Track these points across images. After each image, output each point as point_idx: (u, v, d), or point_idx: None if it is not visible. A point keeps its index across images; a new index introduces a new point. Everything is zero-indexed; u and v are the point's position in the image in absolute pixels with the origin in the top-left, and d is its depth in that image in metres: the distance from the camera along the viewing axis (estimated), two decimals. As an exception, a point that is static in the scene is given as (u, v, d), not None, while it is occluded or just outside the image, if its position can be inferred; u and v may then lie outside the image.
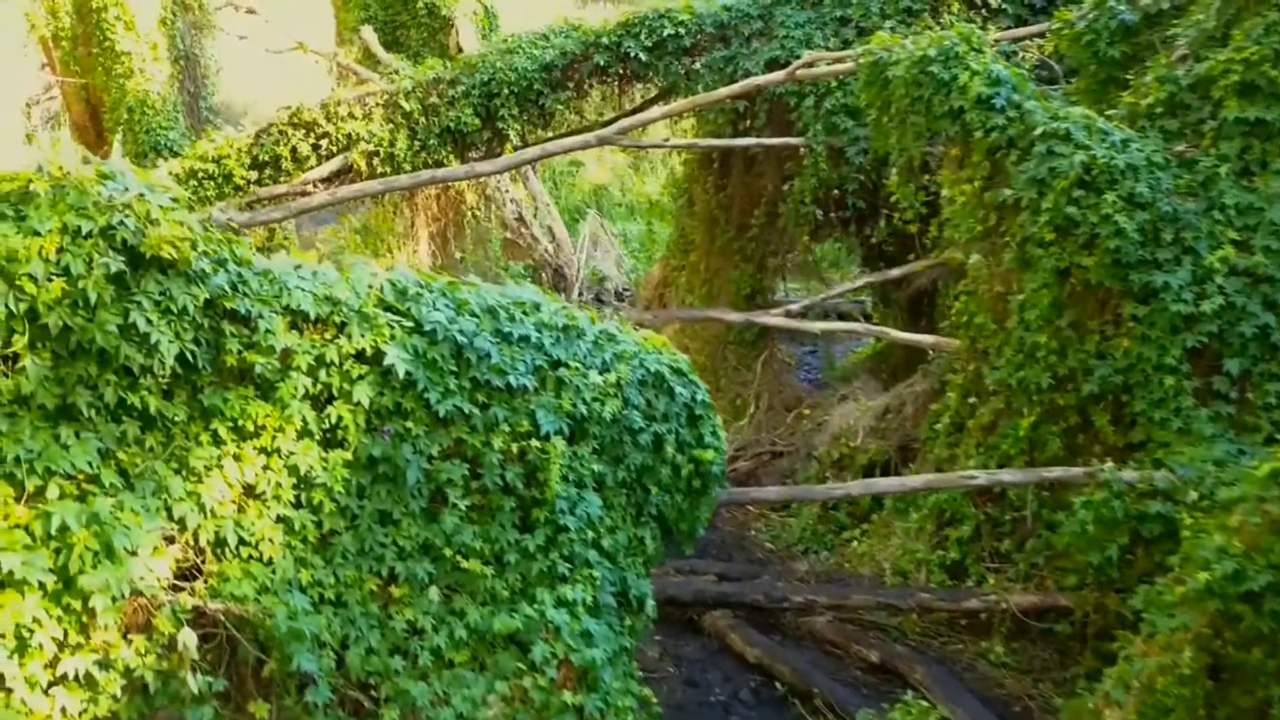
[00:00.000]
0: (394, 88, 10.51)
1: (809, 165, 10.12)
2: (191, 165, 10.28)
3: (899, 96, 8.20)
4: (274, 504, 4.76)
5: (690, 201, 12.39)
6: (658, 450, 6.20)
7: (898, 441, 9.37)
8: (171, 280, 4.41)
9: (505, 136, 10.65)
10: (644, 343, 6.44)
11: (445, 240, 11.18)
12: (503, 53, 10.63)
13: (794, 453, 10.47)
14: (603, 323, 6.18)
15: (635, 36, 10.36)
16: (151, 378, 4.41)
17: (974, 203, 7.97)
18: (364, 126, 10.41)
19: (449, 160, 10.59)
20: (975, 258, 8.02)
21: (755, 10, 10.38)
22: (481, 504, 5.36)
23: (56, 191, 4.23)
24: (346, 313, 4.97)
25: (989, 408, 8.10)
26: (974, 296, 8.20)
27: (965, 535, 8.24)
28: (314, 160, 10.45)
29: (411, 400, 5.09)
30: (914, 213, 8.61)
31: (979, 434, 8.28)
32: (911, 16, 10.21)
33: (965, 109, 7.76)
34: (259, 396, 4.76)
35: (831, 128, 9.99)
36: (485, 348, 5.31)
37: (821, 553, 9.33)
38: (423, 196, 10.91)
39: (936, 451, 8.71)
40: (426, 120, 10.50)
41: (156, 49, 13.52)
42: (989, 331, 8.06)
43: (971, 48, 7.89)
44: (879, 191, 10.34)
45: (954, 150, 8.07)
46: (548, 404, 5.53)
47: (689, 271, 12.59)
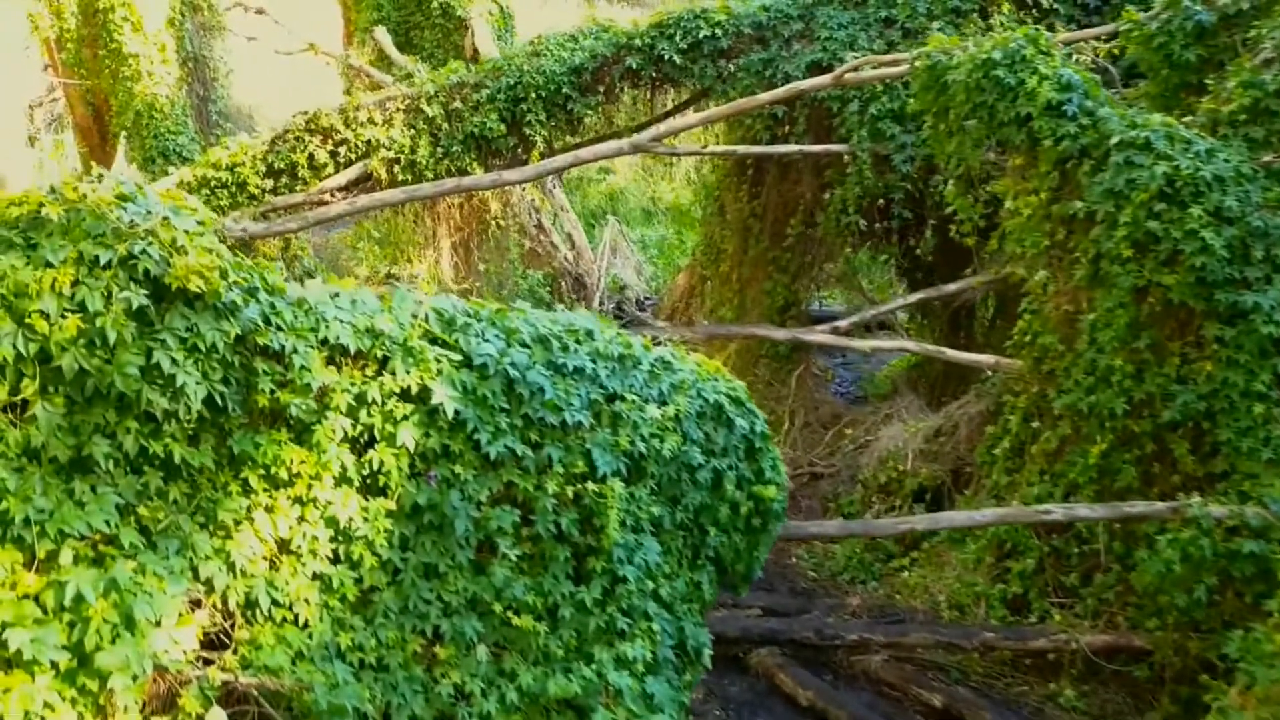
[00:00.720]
0: (415, 92, 10.04)
1: (853, 173, 9.64)
2: (204, 173, 9.80)
3: (958, 102, 7.72)
4: (310, 560, 4.29)
5: (721, 209, 11.90)
6: (717, 488, 5.73)
7: (950, 465, 8.89)
8: (199, 315, 3.94)
9: (532, 143, 10.18)
10: (700, 369, 5.97)
11: (468, 250, 10.71)
12: (529, 55, 10.15)
13: (835, 474, 9.98)
14: (657, 348, 5.69)
15: (669, 38, 9.88)
16: (176, 423, 3.94)
17: (1040, 215, 7.49)
18: (384, 132, 9.94)
19: (473, 168, 10.11)
20: (1041, 274, 7.54)
21: (795, 11, 9.90)
22: (533, 553, 4.89)
23: (71, 217, 3.76)
24: (389, 346, 4.49)
25: (1055, 433, 7.62)
26: (1039, 315, 7.71)
27: (1028, 568, 7.76)
28: (332, 168, 9.98)
29: (460, 442, 4.61)
30: (971, 225, 8.12)
31: (1043, 460, 7.80)
32: (960, 17, 9.73)
33: (1033, 116, 7.28)
34: (293, 440, 4.29)
35: (877, 134, 9.51)
36: (538, 382, 4.83)
37: (869, 583, 8.84)
38: (444, 205, 10.44)
39: (994, 478, 8.23)
40: (449, 126, 10.02)
41: (165, 51, 13.05)
42: (1055, 352, 7.57)
43: (1039, 50, 7.41)
44: (925, 201, 9.87)
45: (1018, 159, 7.58)
46: (604, 442, 5.05)
47: (719, 282, 12.11)
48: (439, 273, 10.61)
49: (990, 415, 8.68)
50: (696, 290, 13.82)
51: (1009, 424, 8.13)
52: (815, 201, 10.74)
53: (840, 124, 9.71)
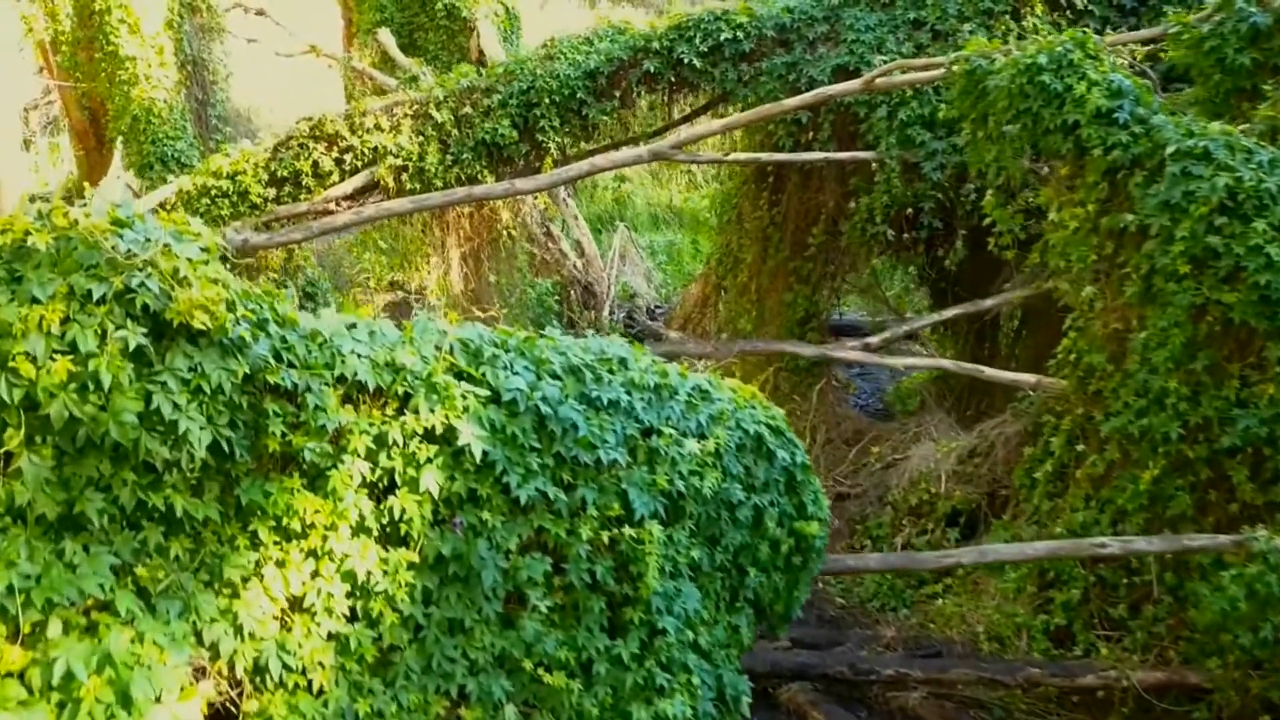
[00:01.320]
0: (424, 97, 9.64)
1: (880, 181, 9.25)
2: (204, 182, 9.41)
3: (1000, 109, 7.33)
4: (324, 618, 3.91)
5: (739, 217, 11.51)
6: (758, 526, 5.35)
7: (985, 488, 8.50)
8: (204, 353, 3.54)
9: (545, 150, 9.78)
10: (737, 396, 5.58)
11: (478, 261, 10.31)
12: (542, 58, 9.75)
13: (862, 495, 9.59)
14: (694, 376, 5.30)
15: (689, 41, 9.48)
16: (178, 473, 3.55)
17: (1087, 228, 7.11)
18: (391, 139, 9.54)
19: (484, 175, 9.72)
20: (1087, 290, 7.15)
21: (820, 13, 9.51)
22: (565, 604, 4.50)
23: (60, 246, 3.36)
24: (411, 382, 4.10)
25: (1102, 457, 7.23)
26: (1084, 333, 7.32)
27: (1073, 599, 7.36)
28: (337, 176, 9.58)
29: (488, 485, 4.22)
30: (1010, 238, 7.74)
31: (1088, 485, 7.42)
32: (991, 19, 9.35)
33: (1081, 123, 6.90)
34: (307, 487, 3.90)
35: (906, 141, 9.12)
36: (571, 417, 4.44)
37: (900, 610, 8.46)
38: (454, 214, 10.05)
39: (1035, 502, 7.84)
40: (459, 132, 9.63)
41: (163, 53, 12.63)
42: (1103, 372, 7.19)
43: (1086, 54, 7.02)
44: (955, 210, 9.48)
45: (1063, 169, 7.20)
46: (641, 481, 4.66)
47: (736, 292, 11.72)
48: (448, 284, 10.22)
49: (1028, 436, 8.29)
50: (711, 299, 13.44)
51: (1051, 446, 7.75)
52: (839, 210, 10.36)
53: (867, 130, 9.32)
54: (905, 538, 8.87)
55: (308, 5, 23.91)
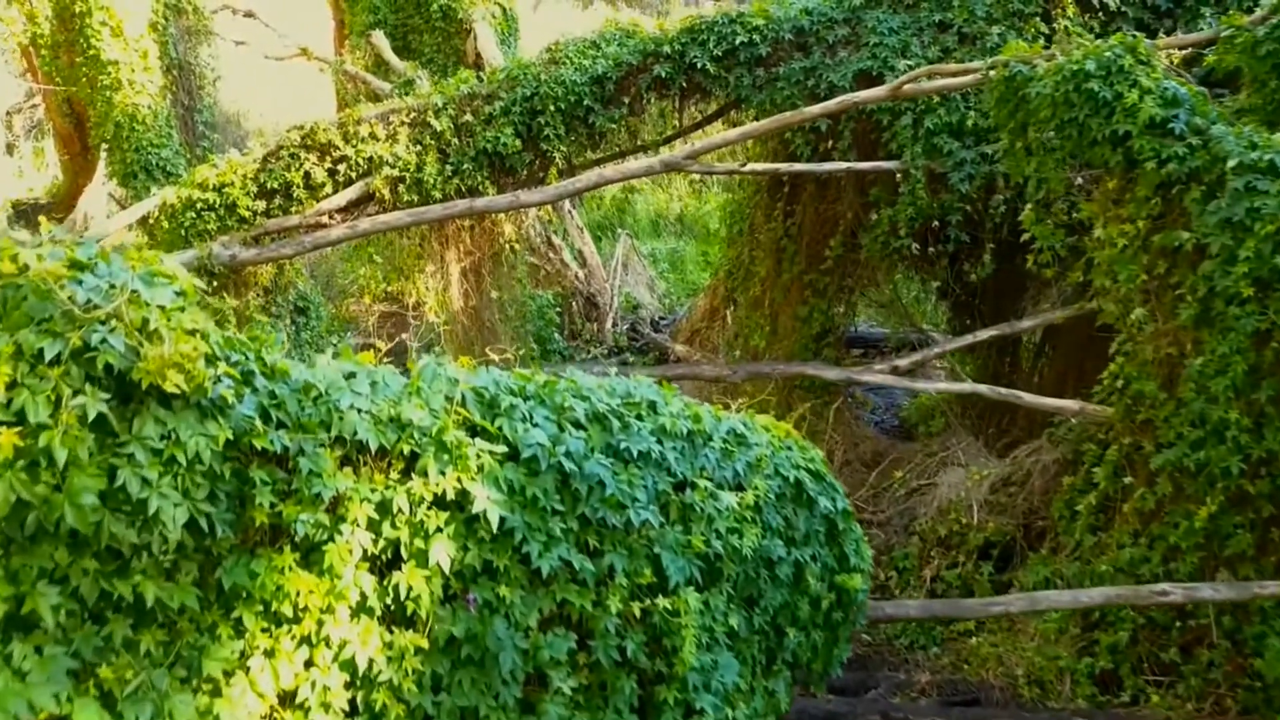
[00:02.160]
0: (422, 104, 9.12)
1: (905, 193, 8.76)
2: (189, 194, 8.87)
3: (1042, 117, 6.85)
4: (320, 715, 3.39)
5: (751, 228, 11.03)
6: (798, 582, 4.85)
7: (1020, 519, 8.02)
8: (178, 417, 3.03)
9: (550, 159, 9.28)
10: (772, 435, 5.08)
11: (479, 276, 9.81)
12: (547, 63, 9.24)
13: (886, 523, 9.11)
14: (728, 417, 4.80)
15: (702, 44, 8.98)
16: (148, 557, 3.04)
17: (1136, 246, 6.63)
18: (387, 149, 9.02)
19: (485, 187, 9.21)
20: (1137, 312, 6.68)
21: (840, 15, 9.01)
22: (591, 684, 3.99)
23: (7, 296, 2.85)
24: (419, 440, 3.59)
25: (1153, 491, 6.76)
26: (1133, 358, 6.84)
27: (1121, 641, 6.89)
28: (330, 187, 9.06)
29: (505, 556, 3.71)
30: (1050, 254, 7.25)
31: (1136, 520, 6.95)
32: (1021, 21, 8.87)
33: (1132, 134, 6.42)
34: (300, 564, 3.39)
35: (932, 150, 8.63)
36: (598, 474, 3.93)
37: (930, 649, 7.96)
38: (453, 227, 9.54)
39: (1077, 537, 7.37)
40: (459, 141, 9.12)
41: (146, 57, 12.10)
42: (1154, 400, 6.71)
43: (1137, 60, 6.54)
44: (983, 223, 9.01)
45: (1111, 182, 6.72)
46: (675, 543, 4.16)
47: (748, 306, 11.23)
48: (448, 300, 9.71)
49: (1067, 464, 7.82)
50: (720, 312, 12.95)
51: (1094, 477, 7.27)
52: (857, 221, 9.87)
53: (890, 139, 8.83)
54: (934, 570, 8.38)
55: (298, 6, 23.41)
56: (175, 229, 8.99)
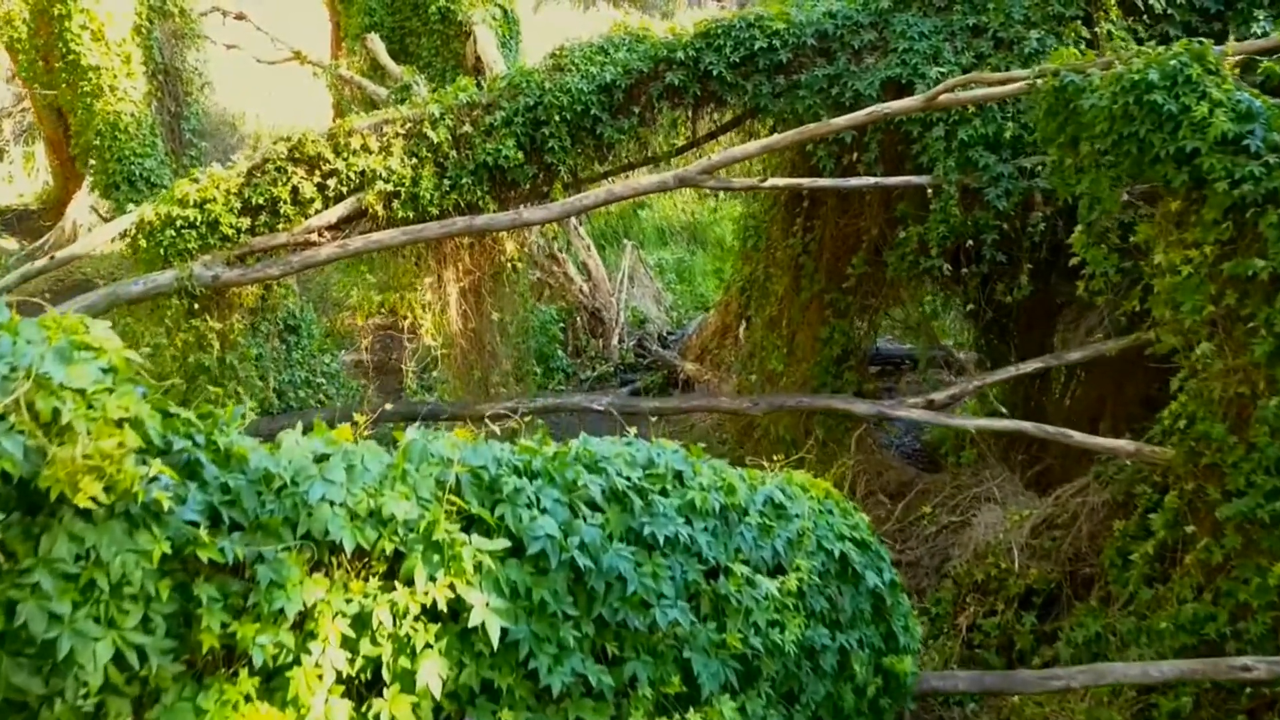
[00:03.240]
0: (418, 114, 8.51)
1: (936, 209, 8.13)
2: (168, 211, 8.25)
3: (1097, 132, 6.24)
4: None
5: (768, 243, 10.41)
6: (842, 670, 4.23)
7: (1064, 565, 7.40)
8: (100, 530, 2.43)
9: (554, 173, 8.66)
10: (813, 499, 4.47)
11: (479, 296, 9.20)
12: (551, 70, 8.62)
13: (916, 563, 8.48)
14: (764, 483, 4.19)
15: (718, 50, 8.36)
16: (63, 704, 2.43)
17: (1203, 274, 6.01)
18: (381, 162, 8.40)
19: (486, 202, 8.60)
20: (1203, 346, 6.06)
21: (867, 19, 8.38)
22: (611, 814, 3.38)
23: None
24: (404, 537, 2.99)
25: (1219, 543, 6.14)
26: (1198, 397, 6.22)
27: (1184, 708, 6.26)
28: (320, 203, 8.44)
29: (508, 672, 3.10)
30: (1103, 280, 6.64)
31: (1200, 574, 6.32)
32: (1061, 24, 8.24)
33: (1201, 151, 5.80)
34: (260, 693, 2.78)
35: (966, 164, 8.01)
36: (617, 568, 3.33)
37: (968, 705, 7.34)
38: (452, 246, 8.94)
39: (1131, 588, 6.74)
40: (458, 154, 8.50)
41: (130, 62, 11.48)
42: (1222, 444, 6.09)
43: (1206, 69, 5.93)
44: (1020, 242, 8.38)
45: (1173, 203, 6.10)
46: (708, 643, 3.55)
47: (763, 325, 10.61)
48: (445, 322, 9.10)
49: (1117, 507, 7.20)
50: (732, 329, 12.35)
51: (1150, 524, 6.65)
52: (882, 238, 9.25)
53: (920, 151, 8.20)
54: (969, 617, 7.76)
55: (296, 8, 22.78)
56: (153, 248, 8.38)
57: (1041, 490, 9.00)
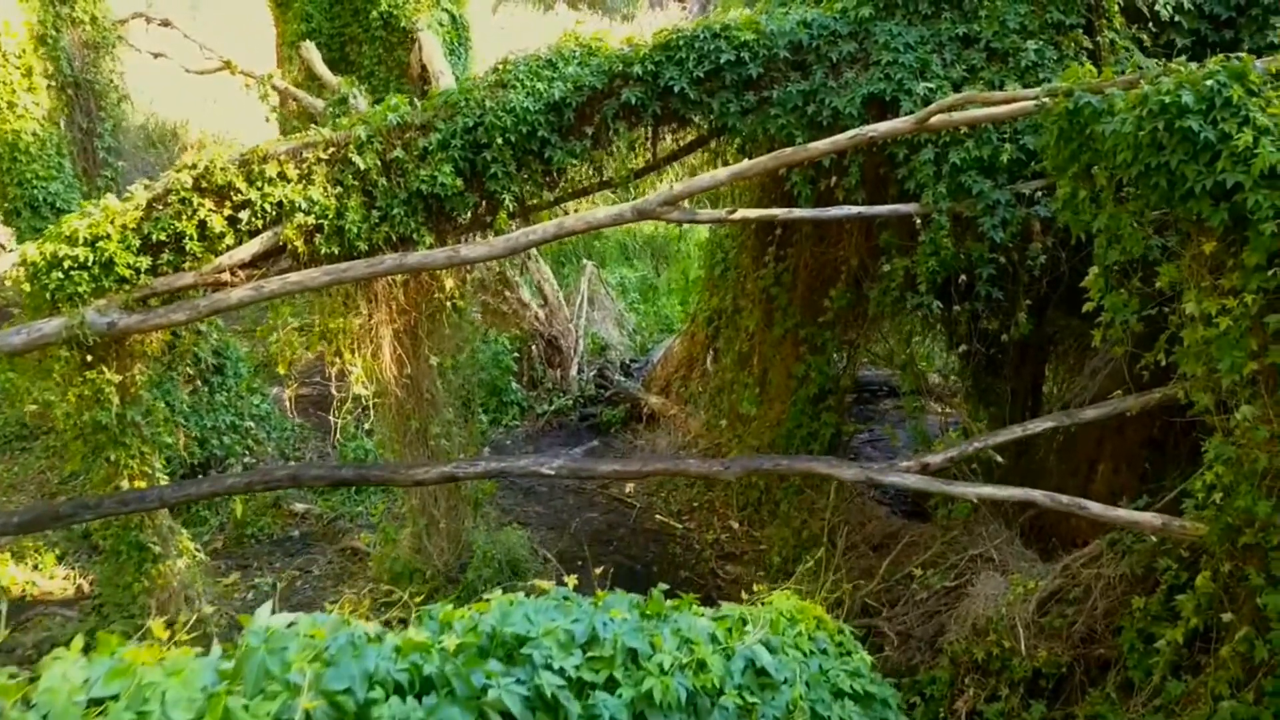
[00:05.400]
0: (342, 137, 7.51)
1: (926, 241, 7.27)
2: (54, 250, 7.21)
3: (1118, 162, 5.39)
4: None
5: (738, 273, 9.52)
6: None
7: (1075, 646, 6.56)
8: None
9: (498, 202, 7.70)
10: (801, 637, 3.57)
11: (415, 339, 8.23)
12: (492, 87, 7.66)
13: (907, 635, 7.61)
14: (744, 639, 3.26)
15: (679, 64, 7.45)
16: None
17: (1244, 327, 5.18)
18: (300, 192, 7.40)
19: (421, 235, 7.63)
20: (1244, 410, 5.23)
21: (846, 28, 7.49)
22: None
23: None
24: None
25: (1263, 637, 5.32)
26: (1236, 467, 5.39)
27: (1225, 824, 5.44)
28: (231, 239, 7.42)
29: None
30: (1122, 329, 5.79)
31: (1238, 668, 5.50)
32: (1060, 33, 7.41)
33: (1244, 185, 4.97)
34: None
35: (958, 190, 7.16)
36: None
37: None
38: (384, 284, 7.96)
39: (1156, 680, 5.91)
40: (389, 181, 7.52)
41: (31, 75, 10.38)
42: (1266, 523, 5.26)
43: (1248, 90, 5.09)
44: (1018, 276, 7.55)
45: (1208, 244, 5.27)
46: None
47: (734, 364, 9.72)
48: (378, 368, 8.11)
49: (1137, 582, 6.36)
50: (699, 361, 11.45)
51: (1179, 606, 5.82)
52: (863, 269, 8.40)
53: (908, 176, 7.34)
54: (969, 702, 6.90)
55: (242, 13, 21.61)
56: (39, 292, 7.34)
57: (1039, 539, 8.19)
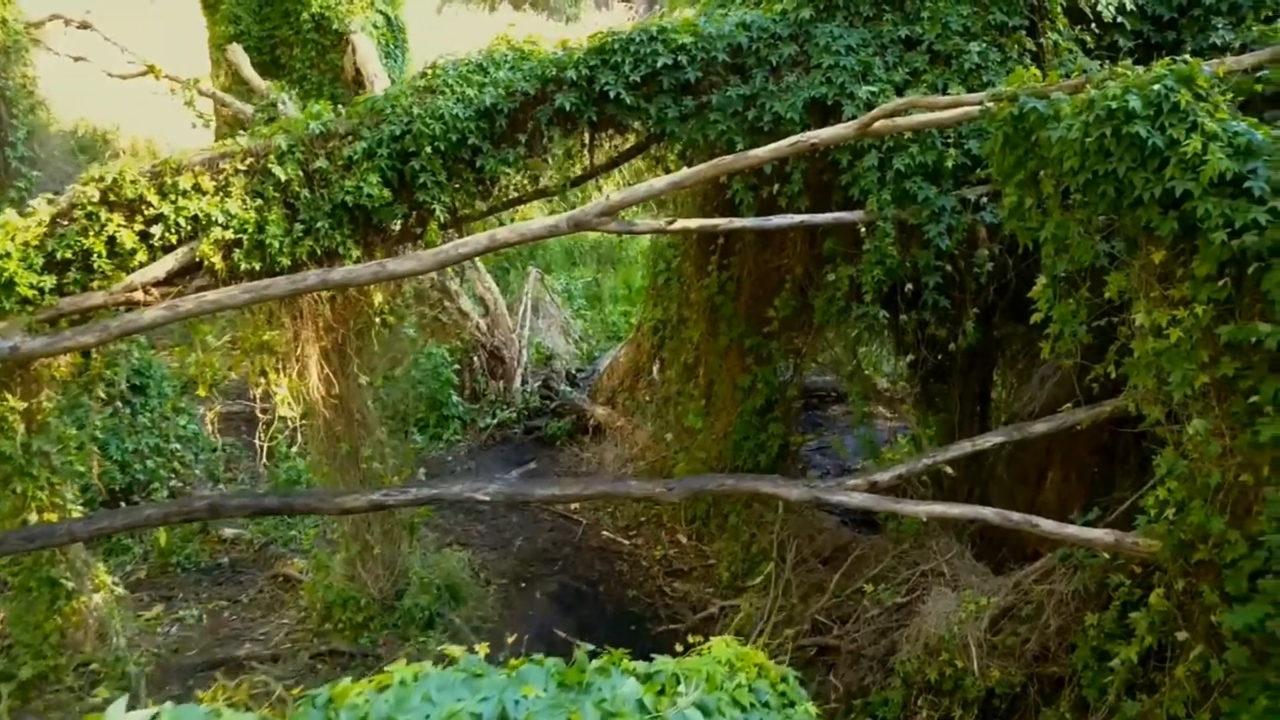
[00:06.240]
0: (261, 146, 7.13)
1: (871, 250, 7.08)
2: (-53, 270, 6.75)
3: (1065, 169, 5.22)
4: None
5: (681, 282, 9.28)
6: None
7: (1027, 665, 6.39)
8: None
9: (429, 212, 7.37)
10: (741, 689, 3.31)
11: (344, 357, 7.87)
12: (420, 92, 7.32)
13: (855, 651, 7.42)
14: (677, 701, 3.00)
15: (615, 68, 7.18)
16: None
17: (1195, 339, 5.03)
18: (217, 205, 7.01)
19: (348, 249, 7.27)
20: (1196, 424, 5.08)
21: (786, 30, 7.27)
22: None
23: None
24: None
25: (1218, 657, 5.18)
26: (1188, 482, 5.24)
27: None
28: (143, 255, 7.00)
29: None
30: (1071, 342, 5.62)
31: (1193, 687, 5.36)
32: (1003, 35, 7.26)
33: (1193, 193, 4.82)
34: None
35: (903, 196, 6.97)
36: None
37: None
38: (309, 300, 7.59)
39: (1111, 700, 5.76)
40: (311, 193, 7.15)
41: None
42: (1219, 539, 5.12)
43: (1196, 94, 4.94)
44: (965, 283, 7.39)
45: (1157, 253, 5.11)
46: None
47: (679, 375, 9.47)
48: (306, 389, 7.73)
49: (1090, 598, 6.21)
50: (645, 370, 11.20)
51: (1133, 624, 5.67)
52: (807, 277, 8.19)
53: (851, 182, 7.14)
54: (923, 722, 6.72)
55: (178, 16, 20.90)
56: (-70, 315, 6.87)
57: (990, 549, 8.04)
